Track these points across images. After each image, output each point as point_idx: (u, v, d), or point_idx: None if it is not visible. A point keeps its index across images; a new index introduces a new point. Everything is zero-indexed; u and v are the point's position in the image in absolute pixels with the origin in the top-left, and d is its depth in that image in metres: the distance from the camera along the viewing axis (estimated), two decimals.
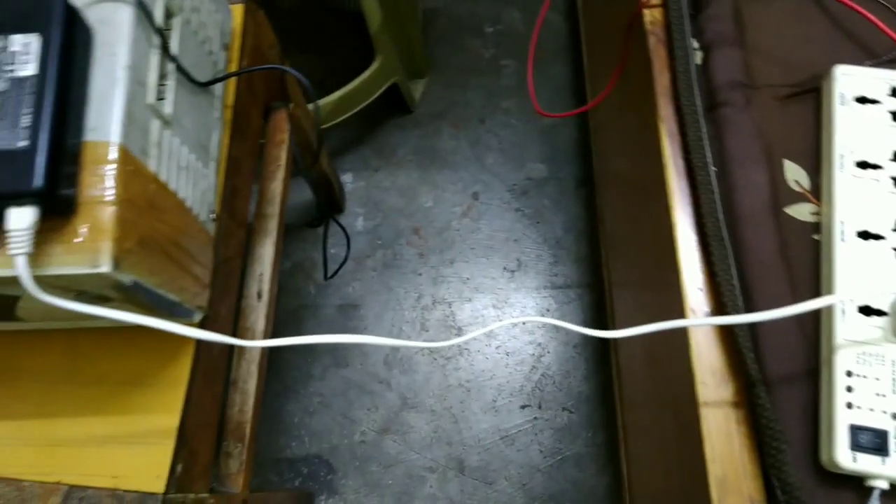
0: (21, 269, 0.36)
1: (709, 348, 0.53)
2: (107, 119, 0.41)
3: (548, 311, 1.07)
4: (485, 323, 1.07)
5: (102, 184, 0.40)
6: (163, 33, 0.46)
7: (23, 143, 0.37)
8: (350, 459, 0.99)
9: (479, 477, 0.98)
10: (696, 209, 0.56)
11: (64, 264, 0.39)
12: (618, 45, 0.79)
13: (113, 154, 0.40)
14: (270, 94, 0.77)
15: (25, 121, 0.37)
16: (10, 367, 0.54)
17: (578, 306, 1.07)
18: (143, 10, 0.44)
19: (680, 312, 0.55)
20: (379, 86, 1.07)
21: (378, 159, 1.18)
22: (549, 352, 1.04)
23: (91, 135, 0.40)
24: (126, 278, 0.40)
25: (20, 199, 0.36)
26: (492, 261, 1.11)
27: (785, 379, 0.50)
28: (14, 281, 0.38)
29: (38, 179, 0.36)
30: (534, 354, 1.05)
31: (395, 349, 1.06)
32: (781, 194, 0.55)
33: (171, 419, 0.52)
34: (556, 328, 1.06)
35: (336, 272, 1.07)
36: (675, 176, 0.58)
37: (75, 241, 0.39)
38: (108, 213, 0.39)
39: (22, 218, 0.36)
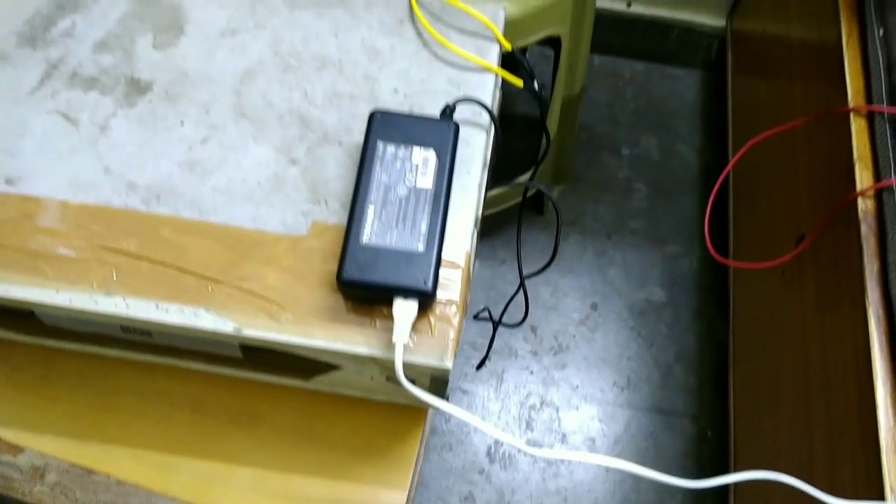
0: (398, 355, 0.41)
1: None
2: (462, 229, 0.46)
3: (651, 434, 1.10)
4: (589, 434, 1.09)
5: (453, 287, 0.45)
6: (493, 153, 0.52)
7: (420, 247, 0.42)
8: None
9: None
10: None
11: (415, 354, 0.43)
12: (800, 214, 0.85)
13: (463, 262, 0.45)
14: None
15: (422, 227, 0.42)
16: (250, 413, 0.58)
17: (680, 436, 1.10)
18: (495, 134, 0.50)
19: (873, 488, 0.59)
20: (531, 187, 1.14)
21: (505, 251, 1.24)
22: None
23: (448, 241, 0.45)
24: (449, 373, 0.45)
25: (409, 294, 0.41)
26: (602, 373, 1.14)
27: None
28: (368, 360, 0.43)
29: (430, 283, 0.41)
30: (633, 475, 1.06)
31: (500, 441, 1.08)
32: None
33: (400, 496, 0.55)
34: (656, 452, 1.08)
35: (482, 363, 1.11)
36: (879, 358, 0.62)
37: (428, 336, 0.43)
38: (455, 315, 0.44)
39: (407, 311, 0.41)
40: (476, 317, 1.06)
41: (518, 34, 0.78)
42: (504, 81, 0.54)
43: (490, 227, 1.25)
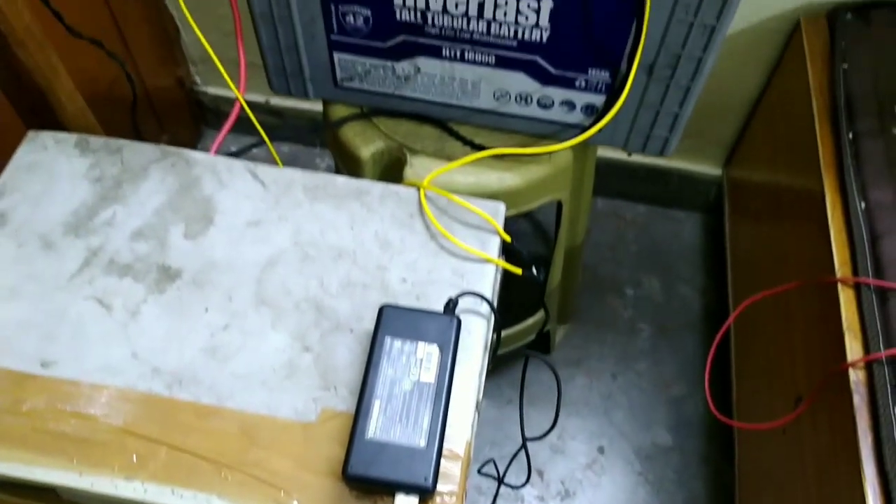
0: None
1: None
2: (463, 418, 0.49)
3: None
4: None
5: (452, 478, 0.47)
6: (497, 341, 0.56)
7: (422, 443, 0.44)
8: None
9: None
10: None
11: None
12: (796, 373, 0.87)
13: (463, 451, 0.48)
14: None
15: (424, 423, 0.45)
16: None
17: None
18: (496, 323, 0.54)
19: None
20: (536, 329, 1.17)
21: (511, 391, 1.25)
22: None
23: (448, 430, 0.48)
24: None
25: (410, 490, 0.43)
26: None
27: None
28: None
29: (430, 479, 0.44)
30: None
31: None
32: None
33: None
34: None
35: None
36: None
37: None
38: None
39: None
40: (479, 471, 1.07)
41: (521, 201, 0.83)
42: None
43: (496, 365, 1.27)
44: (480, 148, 0.80)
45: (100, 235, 0.56)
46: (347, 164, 0.84)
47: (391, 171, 0.82)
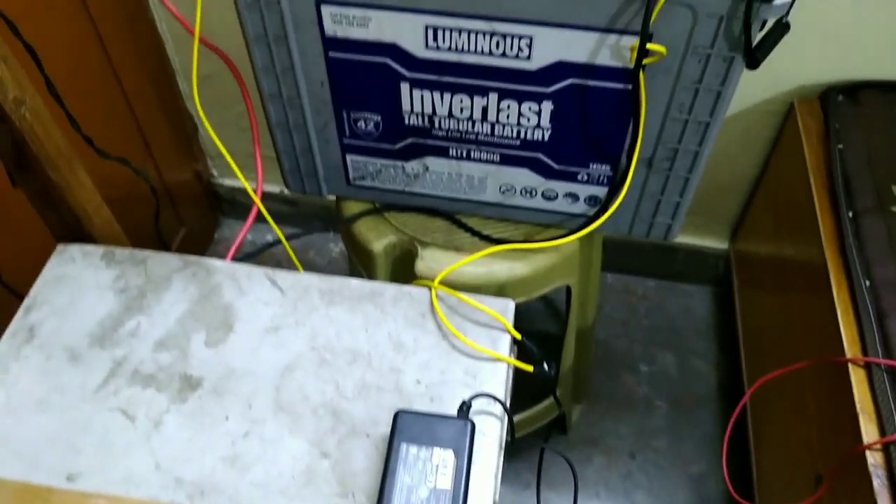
0: None
1: None
2: None
3: None
4: None
5: None
6: (511, 430, 0.56)
7: None
8: None
9: None
10: None
11: None
12: (814, 453, 0.86)
13: None
14: None
15: None
16: None
17: None
18: (509, 421, 0.55)
19: None
20: (552, 413, 1.17)
21: (529, 474, 1.24)
22: None
23: None
24: None
25: None
26: None
27: None
28: None
29: None
30: None
31: None
32: None
33: None
34: None
35: None
36: None
37: None
38: None
39: None
40: None
41: (531, 289, 0.85)
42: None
43: (514, 449, 1.26)
44: (488, 238, 0.83)
45: (124, 346, 0.58)
46: (360, 257, 0.87)
47: (402, 262, 0.84)
